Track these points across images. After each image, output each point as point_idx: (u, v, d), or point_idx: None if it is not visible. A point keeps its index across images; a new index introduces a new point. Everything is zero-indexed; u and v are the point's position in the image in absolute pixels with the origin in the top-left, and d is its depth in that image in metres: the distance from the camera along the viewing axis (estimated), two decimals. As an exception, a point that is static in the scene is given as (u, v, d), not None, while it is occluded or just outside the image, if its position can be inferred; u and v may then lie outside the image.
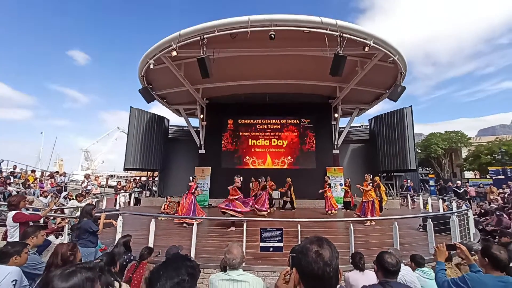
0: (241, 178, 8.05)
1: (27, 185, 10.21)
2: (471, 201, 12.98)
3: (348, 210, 10.79)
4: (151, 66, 8.60)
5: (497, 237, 6.24)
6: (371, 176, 8.93)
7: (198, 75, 8.11)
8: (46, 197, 9.11)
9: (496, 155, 27.64)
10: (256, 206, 9.16)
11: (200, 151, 13.19)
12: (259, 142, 13.40)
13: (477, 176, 29.76)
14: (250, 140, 13.42)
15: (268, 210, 9.51)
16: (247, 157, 13.27)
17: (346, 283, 2.96)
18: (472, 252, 2.39)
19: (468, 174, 32.82)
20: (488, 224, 7.95)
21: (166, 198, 10.53)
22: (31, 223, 3.91)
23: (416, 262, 3.15)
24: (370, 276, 2.83)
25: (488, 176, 20.64)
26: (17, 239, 3.50)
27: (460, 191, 13.16)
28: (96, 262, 2.41)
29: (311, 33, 7.34)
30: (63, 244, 2.47)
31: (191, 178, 8.26)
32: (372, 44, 7.62)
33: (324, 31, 7.18)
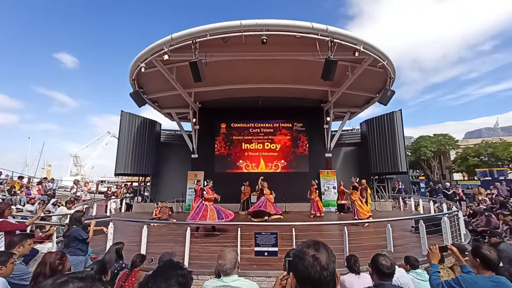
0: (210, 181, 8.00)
1: (13, 192, 9.88)
2: (461, 202, 13.23)
3: (342, 213, 10.86)
4: (143, 70, 8.52)
5: (487, 237, 6.37)
6: (358, 179, 9.15)
7: (190, 79, 8.08)
8: (33, 204, 8.84)
9: (482, 157, 28.36)
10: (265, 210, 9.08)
11: (192, 156, 13.07)
12: (252, 146, 13.39)
13: (466, 178, 30.43)
14: (243, 144, 13.40)
15: (280, 212, 9.62)
16: (241, 161, 13.23)
17: (341, 287, 2.95)
18: (466, 253, 2.42)
19: (457, 176, 33.49)
20: (478, 225, 8.12)
21: (157, 204, 10.39)
22: (17, 232, 3.79)
23: (411, 264, 3.18)
24: (365, 279, 2.84)
25: (476, 178, 21.11)
26: (2, 249, 3.37)
27: (449, 193, 13.40)
28: (87, 272, 2.34)
29: (302, 38, 7.44)
30: (51, 253, 2.40)
31: (196, 181, 8.55)
32: (362, 49, 7.77)
33: (315, 36, 7.28)
